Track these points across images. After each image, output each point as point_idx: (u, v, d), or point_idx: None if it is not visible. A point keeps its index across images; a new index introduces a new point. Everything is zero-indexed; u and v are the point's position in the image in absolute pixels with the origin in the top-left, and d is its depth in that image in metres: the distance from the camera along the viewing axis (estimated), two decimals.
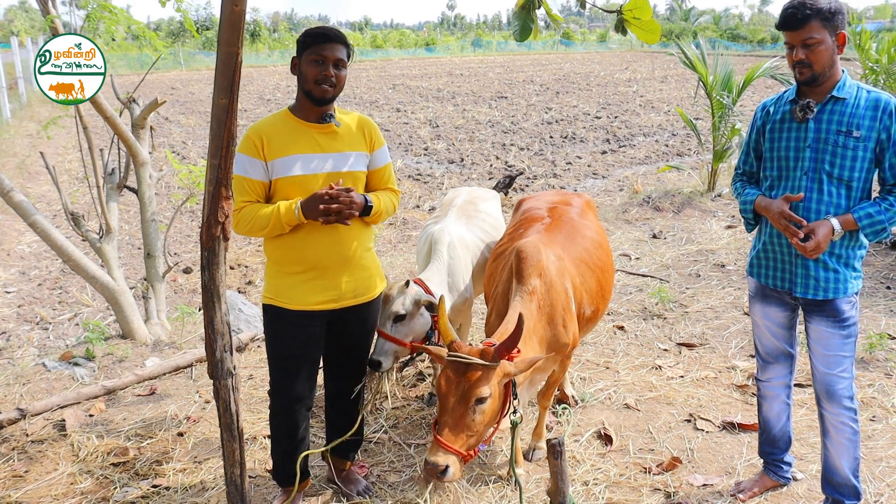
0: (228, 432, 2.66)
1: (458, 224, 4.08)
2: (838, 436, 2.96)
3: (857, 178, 2.77)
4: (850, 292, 2.86)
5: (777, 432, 3.27)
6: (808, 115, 2.80)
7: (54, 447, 3.88)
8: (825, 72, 2.74)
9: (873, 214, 2.73)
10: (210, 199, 2.33)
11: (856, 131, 2.73)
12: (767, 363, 3.20)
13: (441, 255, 3.79)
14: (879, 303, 5.59)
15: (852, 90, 2.78)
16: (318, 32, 2.87)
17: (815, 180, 2.81)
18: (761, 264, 3.06)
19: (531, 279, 2.97)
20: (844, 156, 2.75)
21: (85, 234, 5.15)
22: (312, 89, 2.85)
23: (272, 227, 2.85)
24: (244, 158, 2.86)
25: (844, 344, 2.89)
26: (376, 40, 55.60)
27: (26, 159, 12.59)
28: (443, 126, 16.40)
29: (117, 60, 32.39)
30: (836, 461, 3.00)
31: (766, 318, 3.11)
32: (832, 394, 2.93)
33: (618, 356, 4.87)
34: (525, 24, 2.91)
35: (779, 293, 3.02)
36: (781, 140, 2.90)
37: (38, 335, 5.89)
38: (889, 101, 2.73)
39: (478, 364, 2.57)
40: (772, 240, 2.98)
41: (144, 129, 5.29)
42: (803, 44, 2.69)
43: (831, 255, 2.83)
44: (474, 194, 4.51)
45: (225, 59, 2.21)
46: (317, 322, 3.07)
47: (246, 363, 4.94)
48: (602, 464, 3.63)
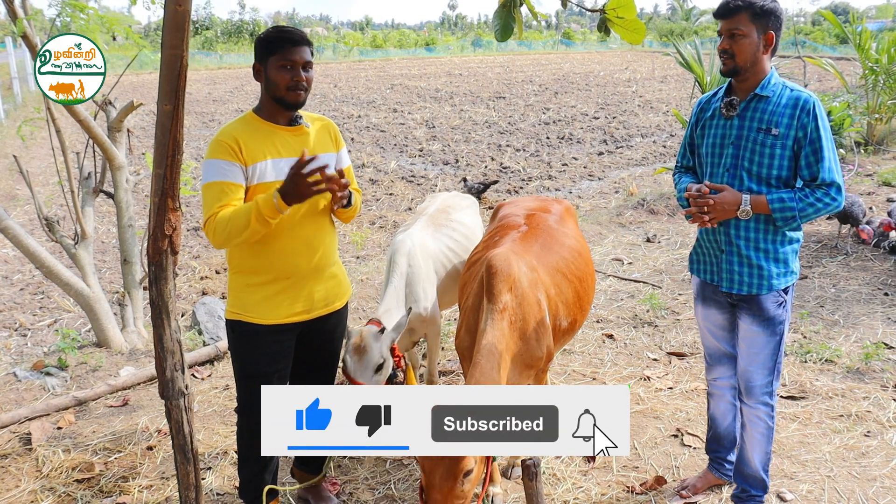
0: (182, 454, 2.52)
1: (423, 232, 3.95)
2: (752, 430, 3.06)
3: (777, 177, 2.80)
4: (776, 288, 2.87)
5: (722, 430, 3.30)
6: (732, 111, 2.85)
7: (18, 462, 3.75)
8: (746, 66, 2.77)
9: (785, 199, 2.74)
10: (156, 211, 2.19)
11: (774, 129, 2.76)
12: (712, 364, 3.24)
13: (399, 266, 3.66)
14: (877, 310, 5.44)
15: (776, 89, 2.81)
16: (283, 37, 2.72)
17: (735, 177, 2.85)
18: (699, 259, 3.12)
19: (502, 295, 2.83)
20: (763, 153, 2.78)
21: (59, 240, 5.01)
22: (285, 95, 2.72)
23: (252, 226, 2.60)
24: (222, 164, 2.67)
25: (768, 343, 2.93)
26: (376, 40, 55.56)
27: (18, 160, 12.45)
28: (439, 127, 16.26)
29: (116, 60, 32.26)
30: (748, 454, 3.10)
31: (706, 320, 3.16)
32: (750, 389, 3.01)
33: (605, 366, 4.72)
34: (506, 23, 2.77)
35: (715, 292, 3.04)
36: (709, 136, 2.95)
37: (15, 342, 5.76)
38: (809, 99, 2.75)
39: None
40: (702, 236, 3.04)
41: (121, 132, 5.15)
42: (729, 33, 2.74)
43: (757, 250, 2.85)
44: (449, 202, 4.38)
45: (169, 61, 2.07)
46: (287, 336, 2.94)
47: (223, 372, 4.81)
48: (583, 482, 3.49)
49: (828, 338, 4.99)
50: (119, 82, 5.26)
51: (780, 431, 3.85)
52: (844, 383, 4.35)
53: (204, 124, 17.13)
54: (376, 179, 11.13)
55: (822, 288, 5.93)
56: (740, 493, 3.18)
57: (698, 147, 3.04)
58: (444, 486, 2.39)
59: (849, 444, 3.73)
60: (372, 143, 14.34)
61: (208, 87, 28.07)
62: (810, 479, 3.45)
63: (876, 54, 11.02)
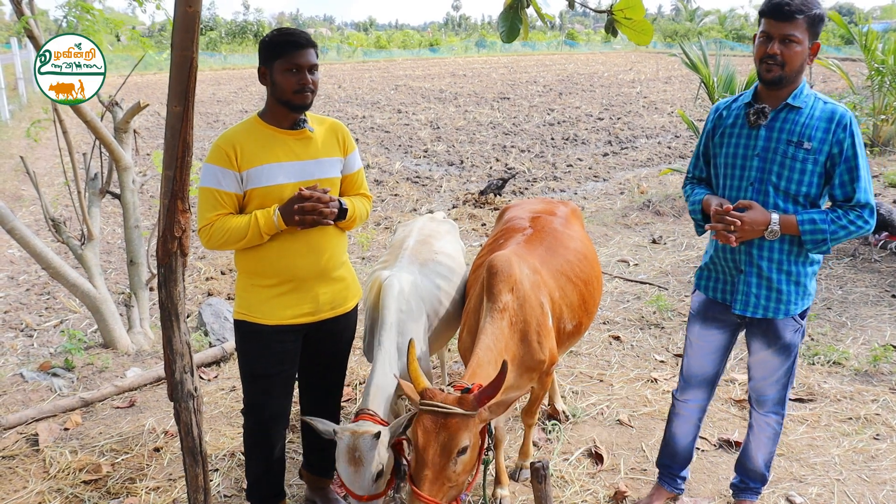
0: (191, 457, 2.52)
1: (409, 271, 3.40)
2: (760, 433, 3.03)
3: (805, 194, 2.63)
4: (793, 313, 2.74)
5: (680, 449, 3.25)
6: (762, 120, 2.65)
7: (25, 463, 3.75)
8: (793, 76, 2.58)
9: (817, 221, 2.57)
10: (165, 212, 2.19)
11: (807, 143, 2.57)
12: (689, 385, 3.12)
13: (389, 314, 3.11)
14: (885, 312, 5.42)
15: (808, 100, 2.63)
16: (288, 40, 2.72)
17: (761, 192, 2.67)
18: (710, 276, 2.94)
19: (502, 295, 2.82)
20: (793, 168, 2.60)
21: (66, 241, 5.01)
22: (292, 99, 2.72)
23: (250, 238, 2.71)
24: (216, 170, 2.72)
25: (782, 365, 2.86)
26: (380, 41, 55.59)
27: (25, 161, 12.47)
28: (444, 127, 16.26)
29: (121, 61, 32.30)
30: (754, 452, 3.08)
31: (701, 339, 3.01)
32: (763, 402, 2.97)
33: (612, 368, 4.71)
34: (513, 24, 2.76)
35: (722, 312, 2.90)
36: (730, 146, 2.75)
37: (21, 342, 5.76)
38: (845, 114, 2.58)
39: (457, 414, 2.42)
40: (717, 252, 2.86)
41: (128, 132, 5.16)
42: (783, 38, 2.51)
43: (780, 272, 2.70)
44: (427, 231, 3.85)
45: (179, 63, 2.07)
46: (292, 337, 2.94)
47: (229, 374, 4.81)
48: (591, 484, 3.48)
49: (835, 340, 4.97)
50: (128, 81, 5.27)
51: (788, 434, 3.84)
52: (853, 386, 4.33)
53: (208, 125, 17.15)
54: (381, 180, 11.12)
55: (829, 290, 5.91)
56: (739, 482, 3.21)
57: (715, 157, 2.83)
58: (437, 462, 2.37)
59: (858, 447, 3.71)
60: (377, 144, 14.34)
61: (212, 87, 28.09)
62: (819, 482, 3.44)
63: (882, 55, 10.98)
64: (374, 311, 3.24)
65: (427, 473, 2.38)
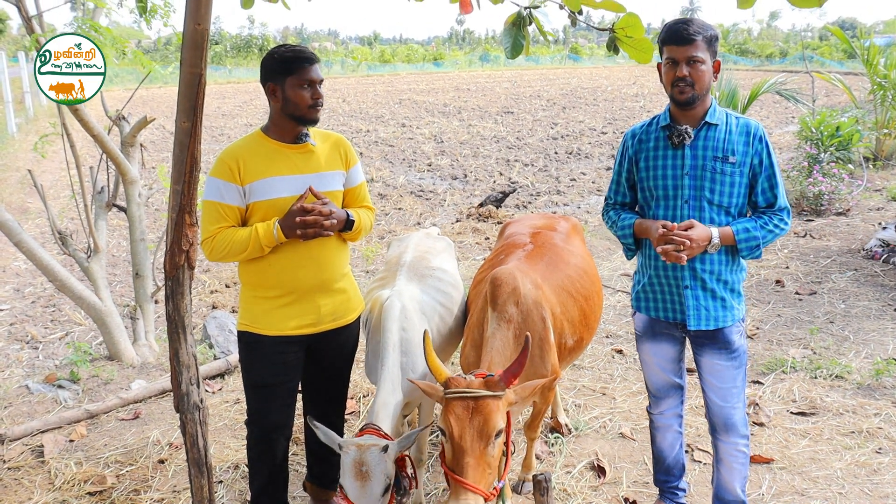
0: (196, 468, 2.54)
1: (409, 287, 3.33)
2: (732, 463, 2.97)
3: (736, 205, 2.78)
4: (737, 319, 2.86)
5: (671, 461, 3.23)
6: (686, 140, 2.77)
7: (31, 474, 3.78)
8: (703, 94, 2.72)
9: (750, 229, 2.73)
10: (173, 226, 2.23)
11: (731, 156, 2.73)
12: (659, 398, 3.15)
13: (392, 336, 3.03)
14: (887, 326, 5.42)
15: (722, 116, 2.79)
16: (299, 56, 2.77)
17: (697, 208, 2.78)
18: (649, 297, 2.98)
19: (507, 307, 2.85)
20: (723, 182, 2.75)
21: (72, 253, 5.06)
22: (306, 114, 2.78)
23: (251, 251, 2.76)
24: (219, 183, 2.76)
25: (737, 374, 2.88)
26: (384, 55, 55.93)
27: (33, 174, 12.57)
28: (447, 141, 16.34)
29: (127, 75, 32.56)
30: (728, 484, 3.01)
31: (656, 356, 3.05)
32: (730, 426, 2.93)
33: (615, 381, 4.73)
34: (516, 41, 2.82)
35: (668, 327, 2.95)
36: (657, 168, 2.84)
37: (27, 354, 5.79)
38: (758, 127, 2.77)
39: (487, 396, 2.44)
40: (657, 272, 2.91)
41: (134, 146, 5.21)
42: (688, 60, 2.65)
43: (718, 281, 2.82)
44: (423, 246, 3.76)
45: (188, 79, 2.11)
46: (294, 348, 2.97)
47: (233, 386, 4.83)
48: (594, 497, 3.49)
49: (838, 353, 4.98)
50: (130, 98, 5.33)
51: (790, 447, 3.84)
52: (855, 399, 4.33)
53: (213, 138, 17.26)
54: (385, 194, 11.18)
55: (831, 304, 5.92)
56: None
57: (642, 181, 2.90)
58: (476, 448, 2.37)
59: (860, 460, 3.71)
60: (381, 158, 14.41)
61: (217, 101, 28.28)
62: (821, 495, 3.44)
63: (884, 69, 11.03)
64: (375, 333, 3.17)
65: (469, 460, 2.36)
